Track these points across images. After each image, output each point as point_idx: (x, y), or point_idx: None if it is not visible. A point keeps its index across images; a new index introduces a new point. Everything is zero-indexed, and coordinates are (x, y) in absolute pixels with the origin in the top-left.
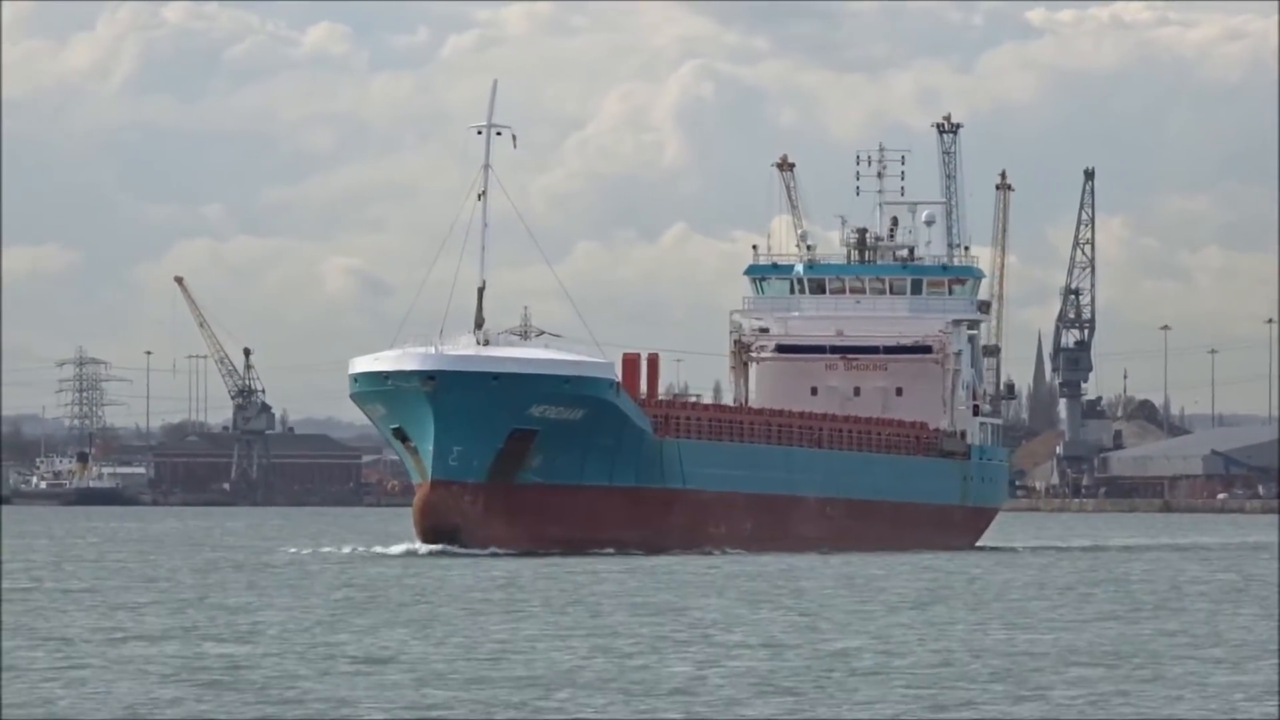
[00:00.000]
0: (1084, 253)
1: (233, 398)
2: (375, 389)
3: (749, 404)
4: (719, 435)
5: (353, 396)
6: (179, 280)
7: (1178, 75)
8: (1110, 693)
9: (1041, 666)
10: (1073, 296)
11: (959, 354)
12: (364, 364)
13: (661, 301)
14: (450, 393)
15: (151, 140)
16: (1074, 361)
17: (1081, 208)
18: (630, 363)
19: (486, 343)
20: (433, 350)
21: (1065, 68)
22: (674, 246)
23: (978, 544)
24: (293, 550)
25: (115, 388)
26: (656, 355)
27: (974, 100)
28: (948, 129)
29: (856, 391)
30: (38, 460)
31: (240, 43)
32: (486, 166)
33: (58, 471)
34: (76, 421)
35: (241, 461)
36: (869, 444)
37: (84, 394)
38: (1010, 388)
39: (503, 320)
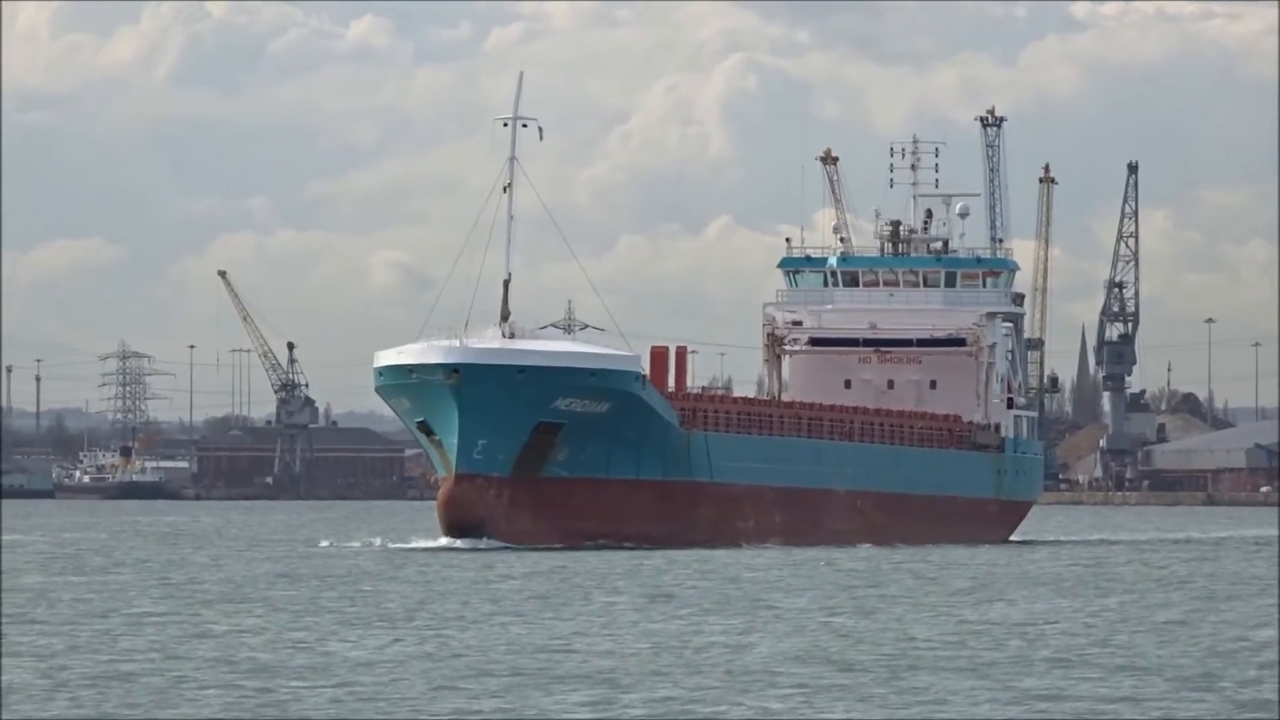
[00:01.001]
0: (1128, 246)
1: (276, 391)
2: (400, 382)
3: (782, 397)
4: (748, 428)
5: (378, 390)
6: (222, 274)
7: (1222, 68)
8: None
9: None
10: (1116, 290)
11: (993, 347)
12: (388, 357)
13: (706, 295)
14: (475, 386)
15: (195, 134)
16: (1118, 355)
17: (1125, 201)
18: (659, 356)
19: (512, 335)
20: (457, 343)
21: (1109, 61)
22: (718, 240)
23: (1011, 538)
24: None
25: (159, 382)
26: (685, 348)
27: (1018, 93)
28: (991, 122)
29: (890, 384)
30: (81, 454)
31: (283, 36)
32: (512, 159)
33: (101, 465)
34: (120, 415)
35: (284, 455)
36: (901, 437)
37: (127, 388)
38: (1054, 381)
39: (547, 314)
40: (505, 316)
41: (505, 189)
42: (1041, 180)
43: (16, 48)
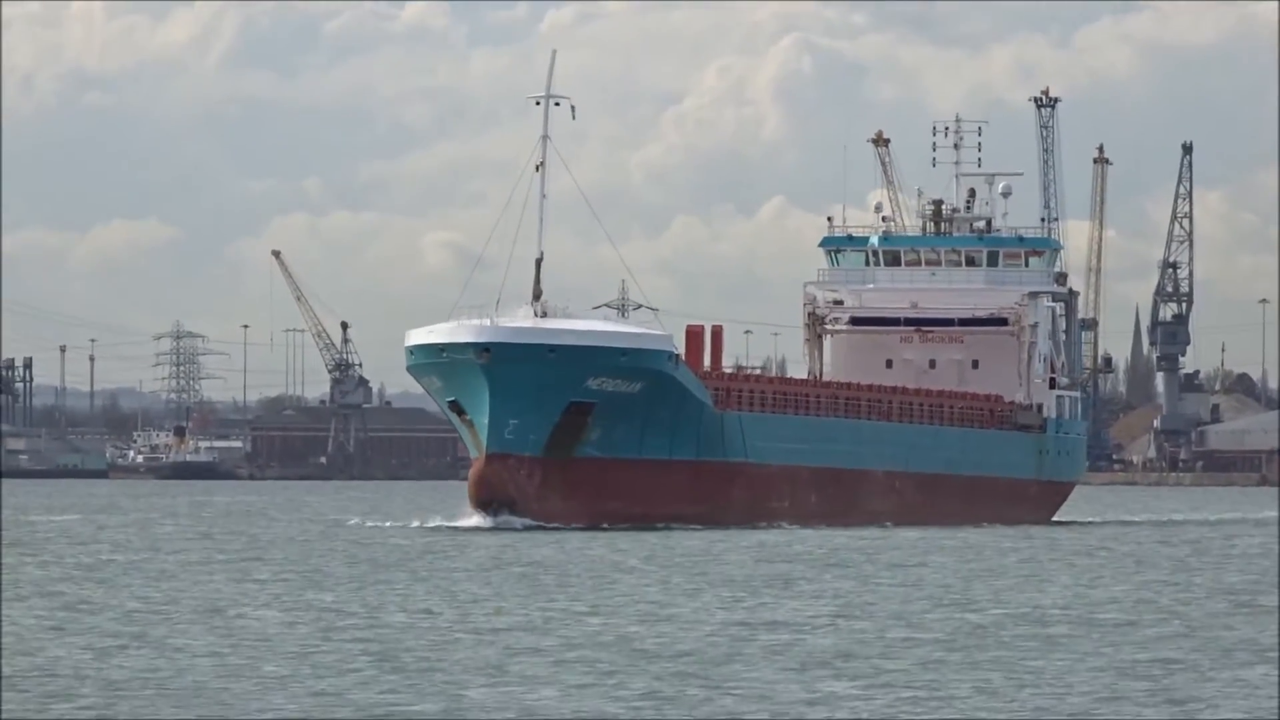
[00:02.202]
0: (1182, 227)
1: (330, 371)
2: (430, 361)
3: (823, 377)
4: (783, 408)
5: (409, 369)
6: (276, 254)
7: (1277, 49)
8: None
9: None
10: (1171, 270)
11: (1035, 326)
12: (419, 336)
13: (760, 275)
14: (506, 365)
15: (250, 115)
16: (1172, 335)
17: (1180, 182)
18: (694, 335)
19: (544, 315)
20: (488, 322)
21: (1164, 42)
22: (772, 221)
23: (1054, 518)
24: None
25: (212, 361)
26: (720, 328)
27: (1072, 75)
28: (1045, 103)
29: (932, 364)
30: (135, 434)
31: (338, 17)
32: (545, 137)
33: (155, 445)
34: (174, 395)
35: (338, 435)
36: (940, 417)
37: (181, 368)
38: (1108, 361)
39: (599, 294)
40: (537, 295)
41: (538, 168)
42: (1095, 161)
43: (72, 29)
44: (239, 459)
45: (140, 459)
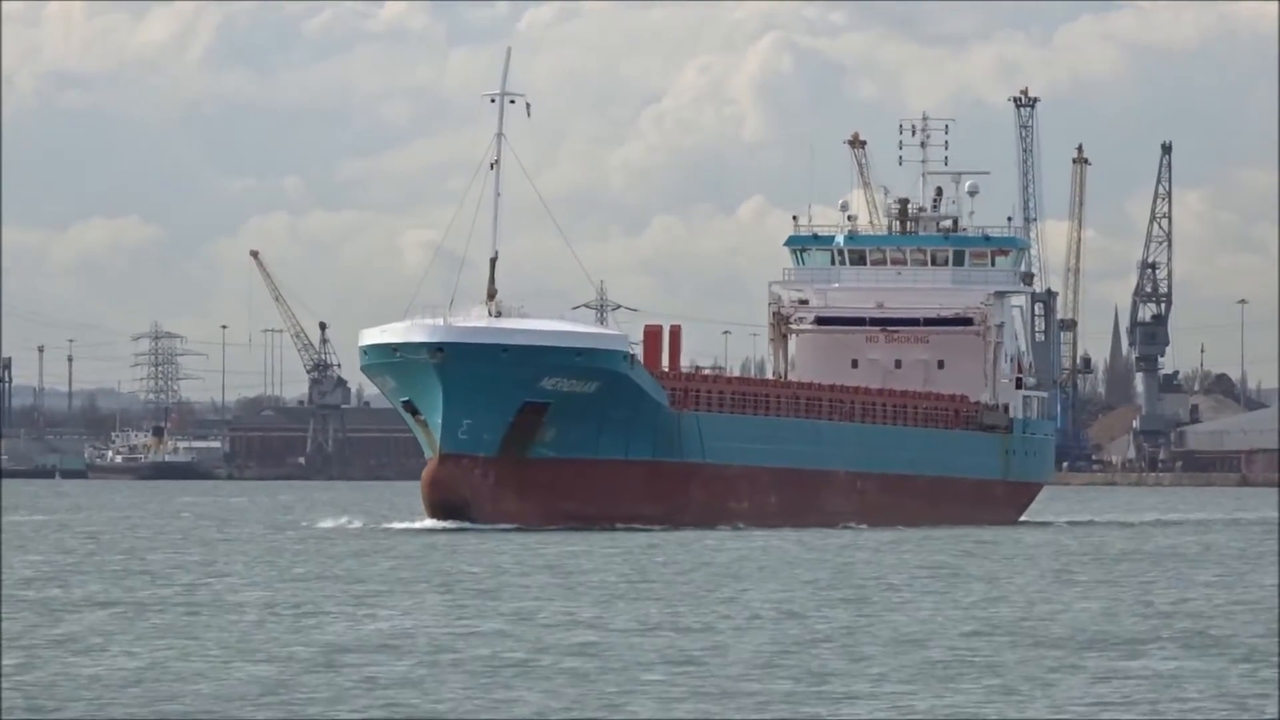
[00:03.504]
0: (1161, 227)
1: (308, 372)
2: (384, 361)
3: (788, 377)
4: (742, 409)
5: (363, 369)
6: (254, 254)
7: (1257, 49)
8: None
9: None
10: (1150, 270)
11: (1001, 326)
12: (373, 336)
13: (741, 275)
14: (459, 365)
15: (229, 114)
16: (1151, 335)
17: (1159, 182)
18: (652, 335)
19: (499, 314)
20: (441, 322)
21: (1144, 41)
22: (752, 220)
23: (1021, 519)
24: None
25: (191, 362)
26: (679, 327)
27: (1052, 74)
28: (1025, 103)
29: (898, 364)
30: (113, 434)
31: (317, 16)
32: (499, 135)
33: (133, 446)
34: (152, 396)
35: (317, 436)
36: (904, 417)
37: (160, 368)
38: (1087, 361)
39: (580, 294)
40: (491, 295)
41: (492, 165)
42: (1075, 161)
43: (51, 28)
44: (217, 459)
45: (119, 459)
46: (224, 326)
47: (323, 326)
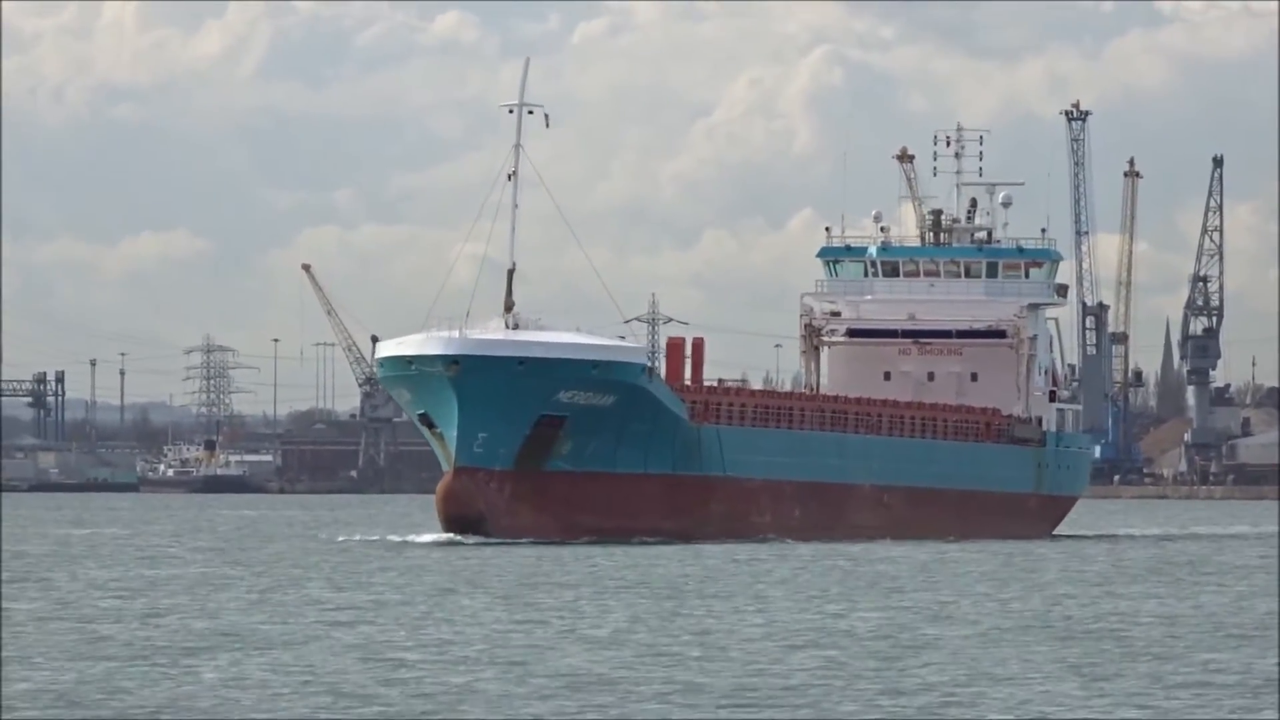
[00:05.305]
0: (1212, 240)
1: (360, 385)
2: (400, 374)
3: (820, 389)
4: (765, 422)
5: (380, 381)
6: (306, 267)
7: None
8: None
9: None
10: (1201, 284)
11: (1034, 338)
12: (389, 348)
13: (791, 288)
14: (474, 377)
15: (281, 127)
16: (1202, 348)
17: (1210, 195)
18: (674, 347)
19: (516, 326)
20: (457, 334)
21: (1194, 54)
22: (801, 233)
23: (1055, 532)
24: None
25: (243, 375)
26: (701, 340)
27: (1103, 87)
28: (1076, 116)
29: (930, 376)
30: (165, 448)
31: (369, 29)
32: (517, 146)
33: (185, 459)
34: (204, 409)
35: (368, 449)
36: (934, 430)
37: (212, 381)
38: (1138, 375)
39: (631, 307)
40: (509, 307)
41: (510, 176)
42: (1126, 174)
43: (102, 40)
44: (269, 473)
45: (170, 472)
46: (276, 340)
47: (374, 340)
